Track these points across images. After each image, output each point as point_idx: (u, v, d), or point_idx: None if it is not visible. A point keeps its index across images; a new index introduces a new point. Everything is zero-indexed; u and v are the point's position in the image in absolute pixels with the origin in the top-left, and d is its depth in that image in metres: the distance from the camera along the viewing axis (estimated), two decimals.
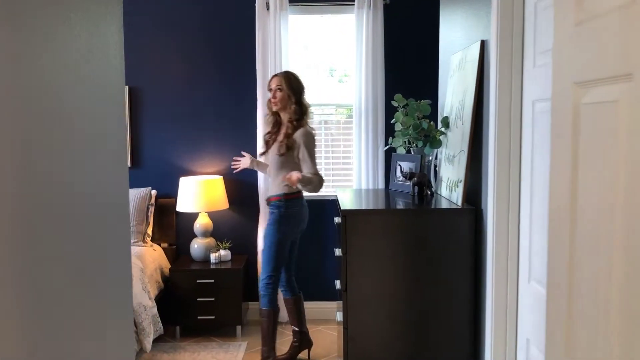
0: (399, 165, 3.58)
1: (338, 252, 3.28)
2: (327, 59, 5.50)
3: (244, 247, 5.39)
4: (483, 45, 2.98)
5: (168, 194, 5.35)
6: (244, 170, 5.30)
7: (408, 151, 3.70)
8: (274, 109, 4.03)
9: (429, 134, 3.47)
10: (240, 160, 4.64)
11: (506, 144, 2.74)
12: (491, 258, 2.80)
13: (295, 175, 3.67)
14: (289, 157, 3.89)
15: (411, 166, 3.55)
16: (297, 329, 4.44)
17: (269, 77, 4.52)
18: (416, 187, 3.44)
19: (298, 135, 3.87)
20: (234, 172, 4.66)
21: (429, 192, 3.42)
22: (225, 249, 5.18)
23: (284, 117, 4.02)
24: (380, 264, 3.04)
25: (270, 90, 4.04)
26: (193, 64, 5.33)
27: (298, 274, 5.36)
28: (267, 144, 4.13)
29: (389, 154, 3.96)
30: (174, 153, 5.37)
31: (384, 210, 3.28)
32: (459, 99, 3.24)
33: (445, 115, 3.48)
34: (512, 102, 2.73)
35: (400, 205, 3.37)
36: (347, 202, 3.39)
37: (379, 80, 5.20)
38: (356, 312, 3.04)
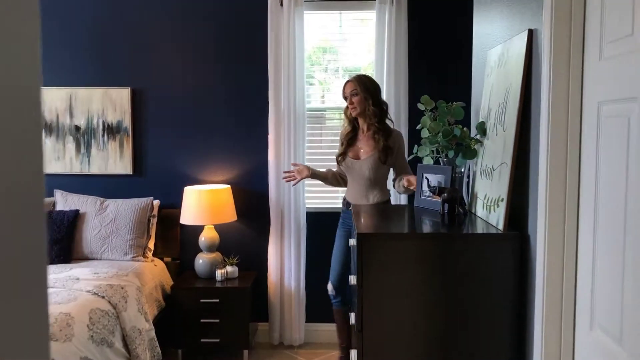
0: (426, 178, 3.00)
1: (352, 280, 2.72)
2: (344, 59, 4.94)
3: (252, 264, 4.85)
4: (531, 35, 2.39)
5: (172, 204, 4.82)
6: (253, 179, 4.79)
7: (436, 162, 3.13)
8: (354, 114, 3.81)
9: (461, 142, 2.89)
10: (292, 172, 4.08)
11: (561, 155, 2.15)
12: (541, 297, 2.21)
13: (414, 179, 3.35)
14: (380, 163, 3.74)
15: (440, 179, 2.98)
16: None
17: (279, 78, 4.12)
18: (446, 205, 2.87)
19: (394, 138, 3.78)
20: (292, 185, 4.07)
21: (461, 211, 2.84)
22: (232, 265, 4.64)
23: (364, 120, 3.83)
24: (403, 300, 2.46)
25: (345, 97, 3.84)
26: (200, 64, 4.81)
27: (311, 291, 4.83)
28: (345, 151, 3.90)
29: (414, 164, 3.38)
30: (179, 160, 4.85)
31: (410, 234, 2.61)
32: (499, 101, 2.66)
33: (480, 120, 2.90)
34: (570, 105, 2.14)
35: (428, 227, 2.77)
36: (364, 220, 2.83)
37: (402, 82, 4.63)
38: (373, 358, 2.47)
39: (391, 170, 3.90)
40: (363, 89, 3.74)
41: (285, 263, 4.77)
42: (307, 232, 4.78)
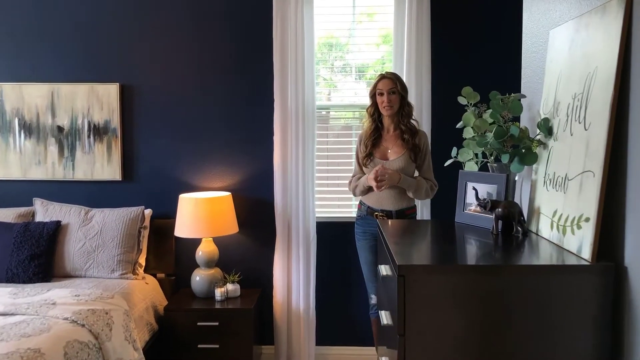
0: (474, 188, 2.35)
1: (386, 317, 2.07)
2: (352, 55, 4.29)
3: (256, 280, 4.20)
4: (631, 3, 1.76)
5: (166, 213, 4.17)
6: (257, 185, 4.16)
7: (483, 168, 2.49)
8: (388, 113, 3.47)
9: (518, 143, 2.25)
10: (383, 180, 3.39)
11: None
12: None
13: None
14: (412, 163, 3.49)
15: (490, 190, 2.34)
16: None
17: (288, 76, 3.74)
18: (500, 222, 2.23)
19: (421, 138, 3.51)
20: (380, 190, 3.40)
21: (519, 230, 2.20)
22: (233, 282, 3.99)
23: (392, 120, 3.52)
24: (457, 351, 1.82)
25: (381, 94, 3.46)
26: (198, 59, 4.15)
27: (322, 311, 4.21)
28: (370, 152, 3.52)
29: (452, 170, 2.73)
30: (174, 164, 4.20)
31: (464, 267, 1.87)
32: (575, 92, 2.02)
33: (544, 116, 2.25)
34: None
35: (483, 253, 2.09)
36: (397, 243, 2.18)
37: (425, 75, 3.98)
38: None
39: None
40: (401, 87, 3.48)
41: (293, 279, 4.12)
42: (317, 245, 4.13)
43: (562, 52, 2.17)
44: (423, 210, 4.01)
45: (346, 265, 4.16)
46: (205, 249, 3.96)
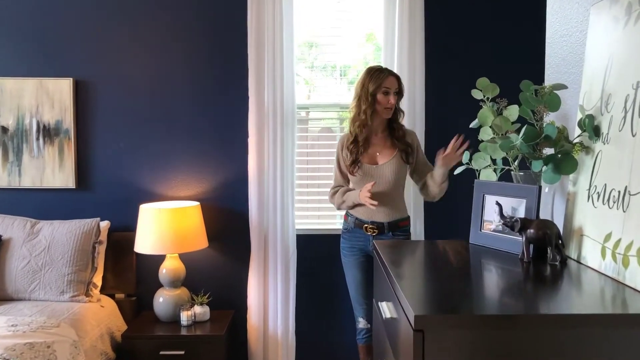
0: (497, 203, 1.84)
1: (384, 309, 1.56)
2: (334, 53, 3.78)
3: (228, 301, 3.64)
4: None
5: (126, 226, 3.59)
6: (229, 194, 3.62)
7: (504, 177, 1.99)
8: (389, 115, 3.01)
9: (553, 147, 1.75)
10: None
11: None
12: None
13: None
14: (404, 165, 3.06)
15: (516, 205, 1.83)
16: None
17: (262, 72, 3.03)
18: (531, 246, 1.72)
19: (410, 136, 3.11)
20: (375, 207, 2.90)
21: (557, 258, 1.70)
22: (202, 304, 3.43)
23: (381, 122, 3.05)
24: None
25: (386, 93, 2.96)
26: (165, 52, 3.59)
27: (303, 336, 3.69)
28: (357, 157, 3.02)
29: (467, 178, 2.22)
30: (135, 170, 3.62)
31: (504, 318, 1.28)
32: (637, 80, 1.52)
33: (587, 112, 1.74)
34: None
35: (520, 294, 1.50)
36: (402, 277, 1.63)
37: (418, 70, 3.50)
38: None
39: (411, 175, 3.15)
40: (402, 87, 3.05)
41: (269, 300, 3.57)
42: (297, 261, 3.60)
43: (613, 32, 1.67)
44: (416, 223, 3.50)
45: (330, 284, 3.62)
46: (170, 267, 3.40)
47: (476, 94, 2.01)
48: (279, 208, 3.52)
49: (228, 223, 3.62)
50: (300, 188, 3.73)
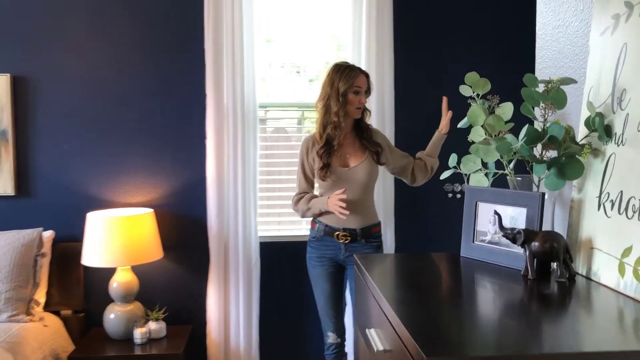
0: (495, 214, 1.61)
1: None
2: (301, 50, 3.53)
3: (186, 316, 3.34)
4: None
5: (72, 236, 3.24)
6: (186, 200, 3.33)
7: (496, 182, 1.77)
8: (358, 115, 2.80)
9: (557, 148, 1.54)
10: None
11: None
12: None
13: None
14: (376, 166, 2.85)
15: (515, 214, 1.61)
16: None
17: (220, 67, 3.12)
18: (535, 261, 1.51)
19: (378, 135, 2.90)
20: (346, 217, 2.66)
21: (565, 274, 1.49)
22: (157, 319, 3.13)
23: (350, 122, 2.82)
24: None
25: (357, 92, 2.74)
26: (114, 45, 3.26)
27: (267, 351, 3.43)
28: (328, 161, 2.77)
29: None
30: (82, 175, 3.28)
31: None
32: None
33: (597, 110, 1.53)
34: None
35: (536, 319, 1.23)
36: (400, 303, 1.37)
37: (387, 68, 3.29)
38: None
39: (393, 173, 3.02)
40: (371, 85, 2.86)
41: (231, 313, 3.29)
42: (260, 271, 3.33)
43: (627, 17, 1.47)
44: (386, 229, 3.28)
45: (297, 296, 3.38)
46: (122, 280, 3.08)
47: (465, 91, 1.79)
48: (241, 214, 3.24)
49: (185, 231, 3.32)
50: (264, 192, 3.46)
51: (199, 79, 3.21)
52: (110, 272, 3.11)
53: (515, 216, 1.60)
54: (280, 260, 3.38)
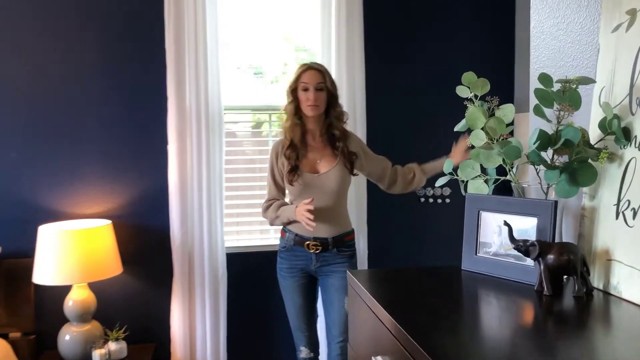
0: (506, 223, 1.46)
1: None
2: (263, 51, 3.35)
3: (148, 334, 3.11)
4: None
5: (22, 252, 2.95)
6: (146, 210, 3.11)
7: (498, 190, 1.64)
8: (313, 113, 2.60)
9: (570, 153, 1.42)
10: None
11: None
12: None
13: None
14: (348, 174, 2.69)
15: (524, 225, 1.48)
16: None
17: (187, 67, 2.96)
18: (549, 274, 1.38)
19: (354, 142, 2.72)
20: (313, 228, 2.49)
21: (582, 288, 1.37)
22: (117, 339, 2.89)
23: (317, 124, 2.66)
24: None
25: (305, 89, 2.58)
26: (65, 45, 3.01)
27: None
28: (296, 164, 2.62)
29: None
30: (33, 184, 3.00)
31: None
32: None
33: (614, 111, 1.40)
34: None
35: (568, 342, 1.05)
36: (413, 325, 1.20)
37: (358, 67, 3.15)
38: None
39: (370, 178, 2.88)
40: (330, 83, 2.65)
41: (197, 330, 3.08)
42: (228, 283, 3.13)
43: None
44: (359, 236, 3.13)
45: (267, 309, 3.20)
46: (78, 298, 2.83)
47: (462, 92, 1.65)
48: (206, 223, 3.04)
49: (146, 243, 3.09)
50: (230, 200, 3.26)
51: (160, 81, 2.99)
52: (65, 289, 2.85)
53: (525, 227, 1.47)
54: (248, 272, 3.20)
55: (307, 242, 2.61)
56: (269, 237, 3.28)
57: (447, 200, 3.38)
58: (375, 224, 3.24)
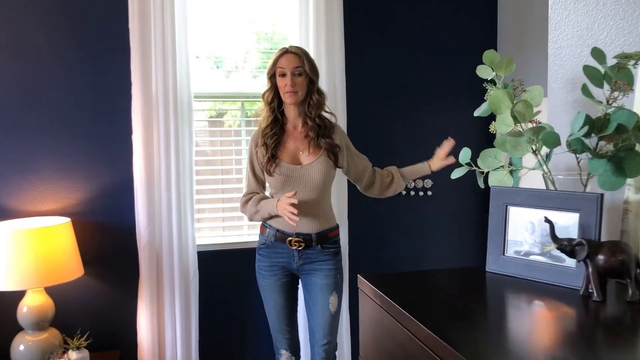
0: (546, 220, 1.29)
1: None
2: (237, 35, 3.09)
3: (113, 340, 2.83)
4: None
5: None
6: (110, 206, 2.83)
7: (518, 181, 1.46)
8: (292, 100, 2.41)
9: (618, 141, 1.25)
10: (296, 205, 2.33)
11: None
12: None
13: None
14: (333, 167, 2.50)
15: (563, 221, 1.30)
16: None
17: (159, 58, 2.72)
18: (599, 277, 1.21)
19: (338, 134, 2.52)
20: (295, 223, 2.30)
21: (637, 292, 1.21)
22: (78, 348, 2.59)
23: (298, 112, 2.47)
24: None
25: (283, 74, 2.40)
26: (16, 24, 2.68)
27: None
28: (273, 155, 2.42)
29: (468, 178, 1.65)
30: None
31: None
32: None
33: None
34: None
35: None
36: (450, 337, 1.03)
37: (337, 52, 2.95)
38: None
39: (348, 175, 2.63)
40: (310, 67, 2.44)
41: (166, 334, 2.82)
42: (200, 284, 2.88)
43: None
44: (340, 232, 2.93)
45: (243, 311, 2.96)
46: (33, 304, 2.53)
47: (483, 72, 1.46)
48: (175, 220, 2.78)
49: (109, 242, 2.80)
50: (202, 195, 3.01)
51: (123, 65, 2.70)
52: (18, 295, 2.54)
53: (564, 224, 1.29)
54: (222, 271, 2.96)
55: (289, 239, 2.40)
56: (242, 233, 3.04)
57: (429, 193, 3.21)
58: (357, 217, 3.05)
